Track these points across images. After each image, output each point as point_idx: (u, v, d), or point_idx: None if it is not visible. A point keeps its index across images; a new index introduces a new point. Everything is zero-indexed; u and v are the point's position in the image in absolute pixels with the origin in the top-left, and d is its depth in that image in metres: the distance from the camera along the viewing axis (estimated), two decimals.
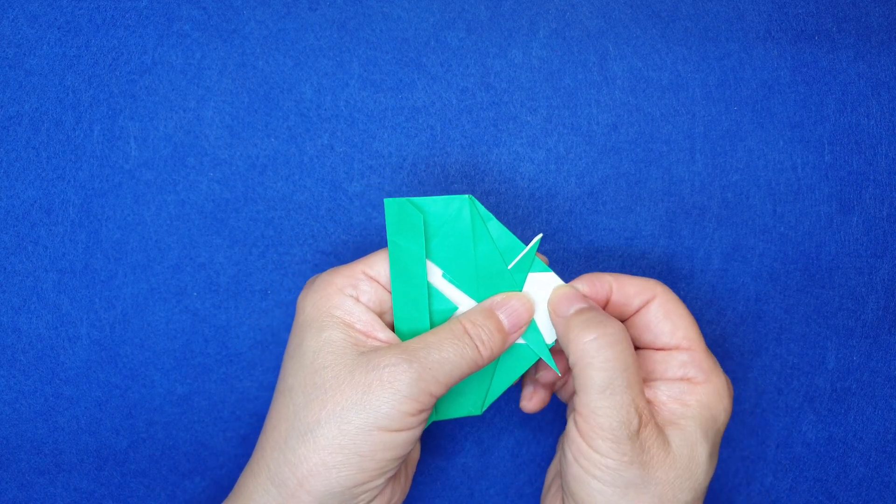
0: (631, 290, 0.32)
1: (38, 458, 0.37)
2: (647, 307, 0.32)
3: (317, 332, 0.30)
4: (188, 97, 0.37)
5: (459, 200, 0.31)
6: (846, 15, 0.39)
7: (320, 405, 0.28)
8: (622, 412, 0.28)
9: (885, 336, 0.40)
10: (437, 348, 0.29)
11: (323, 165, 0.38)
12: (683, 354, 0.31)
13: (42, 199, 0.37)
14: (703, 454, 0.30)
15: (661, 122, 0.39)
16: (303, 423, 0.28)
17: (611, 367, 0.29)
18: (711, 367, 0.31)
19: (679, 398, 0.31)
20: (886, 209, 0.40)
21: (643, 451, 0.28)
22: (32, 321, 0.37)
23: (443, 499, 0.39)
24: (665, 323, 0.32)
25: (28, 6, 0.37)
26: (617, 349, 0.29)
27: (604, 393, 0.28)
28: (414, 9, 0.38)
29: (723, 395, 0.31)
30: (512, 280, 0.32)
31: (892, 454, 0.40)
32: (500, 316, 0.31)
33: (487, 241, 0.32)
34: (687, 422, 0.30)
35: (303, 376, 0.29)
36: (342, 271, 0.31)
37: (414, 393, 0.28)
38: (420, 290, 0.31)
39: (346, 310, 0.30)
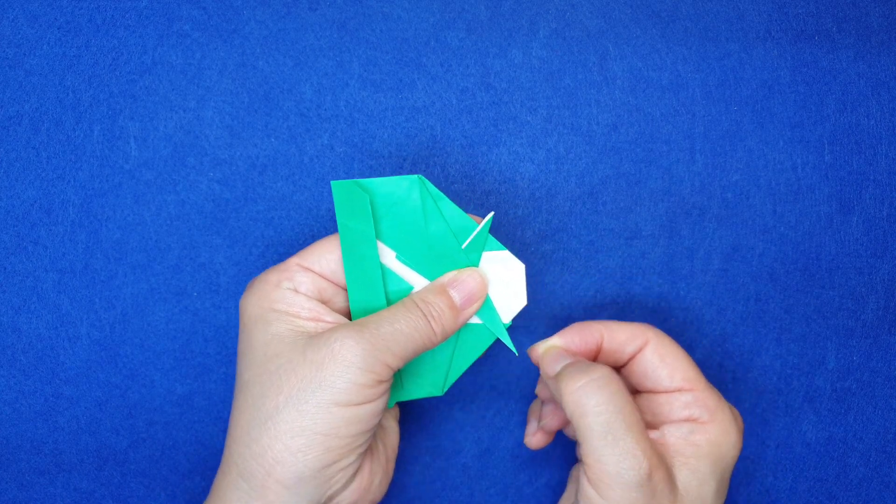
0: (622, 337, 0.32)
1: (38, 458, 0.37)
2: (642, 353, 0.32)
3: (263, 328, 0.30)
4: (188, 97, 0.37)
5: (409, 181, 0.31)
6: (846, 15, 0.39)
7: (276, 391, 0.28)
8: (629, 458, 0.28)
9: (885, 336, 0.40)
10: (389, 321, 0.29)
11: (323, 165, 0.38)
12: (686, 395, 0.31)
13: (42, 199, 0.37)
14: (711, 492, 0.30)
15: (661, 122, 0.39)
16: (262, 412, 0.28)
17: (605, 411, 0.28)
18: (716, 405, 0.31)
19: (687, 438, 0.30)
20: (886, 209, 0.40)
21: (654, 495, 0.28)
22: (32, 321, 0.37)
23: (443, 499, 0.39)
24: (662, 367, 0.31)
25: (28, 6, 0.37)
26: (607, 392, 0.28)
27: (605, 439, 0.28)
28: (414, 9, 0.38)
29: (730, 431, 0.31)
30: (466, 259, 0.32)
31: (892, 454, 0.40)
32: (451, 293, 0.31)
33: (439, 220, 0.31)
34: (696, 461, 0.30)
35: (257, 369, 0.29)
36: (277, 268, 0.31)
37: (368, 363, 0.28)
38: (373, 273, 0.31)
39: (287, 302, 0.30)
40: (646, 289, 0.39)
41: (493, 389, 0.39)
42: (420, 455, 0.39)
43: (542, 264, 0.39)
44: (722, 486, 0.30)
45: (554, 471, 0.40)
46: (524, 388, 0.39)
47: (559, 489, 0.40)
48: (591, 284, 0.39)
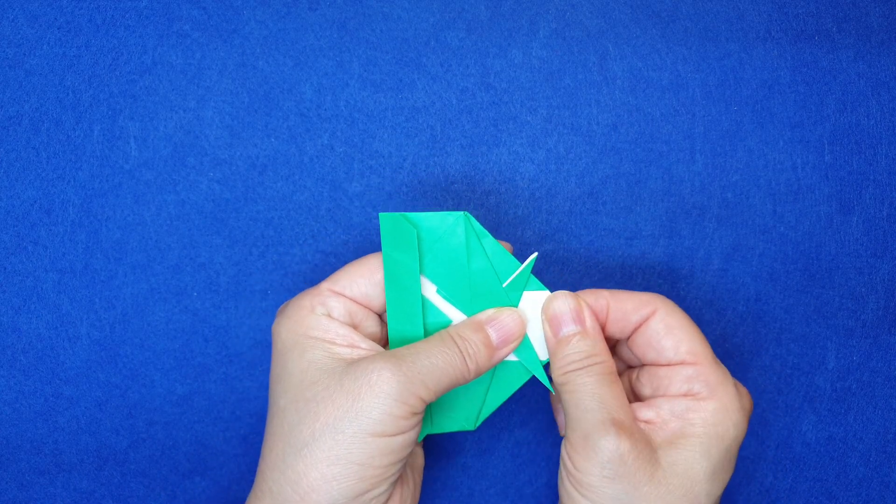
0: (629, 306, 0.32)
1: (38, 458, 0.37)
2: (648, 323, 0.31)
3: (299, 355, 0.30)
4: (188, 97, 0.37)
5: (454, 217, 0.31)
6: (846, 15, 0.39)
7: (313, 418, 0.28)
8: (598, 428, 0.28)
9: (885, 336, 0.40)
10: (426, 354, 0.29)
11: (323, 165, 0.38)
12: (689, 369, 0.31)
13: (42, 199, 0.37)
14: (702, 472, 0.29)
15: (661, 122, 0.39)
16: (298, 439, 0.28)
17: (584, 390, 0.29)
18: (719, 381, 0.30)
19: (681, 415, 0.30)
20: (886, 209, 0.40)
21: (625, 465, 0.28)
22: (32, 321, 0.37)
23: (443, 499, 0.39)
24: (667, 338, 0.31)
25: (28, 6, 0.37)
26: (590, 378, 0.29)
27: (578, 410, 0.29)
28: (414, 9, 0.38)
29: (731, 409, 0.30)
30: (506, 298, 0.32)
31: (892, 454, 0.40)
32: (489, 331, 0.31)
33: (482, 257, 0.32)
34: (687, 440, 0.29)
35: (293, 395, 0.29)
36: (309, 293, 0.31)
37: (403, 396, 0.28)
38: (414, 304, 0.31)
39: (323, 328, 0.30)
40: (646, 289, 0.39)
41: None
42: None
43: (542, 264, 0.39)
44: (720, 468, 0.30)
45: (554, 471, 0.40)
46: (524, 388, 0.39)
47: None
48: (591, 284, 0.39)
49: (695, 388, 0.30)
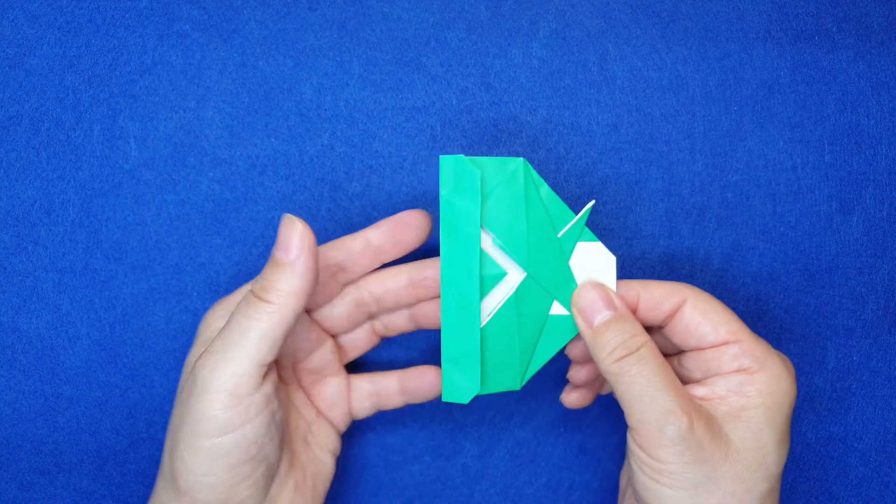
0: (658, 294, 0.32)
1: (38, 458, 0.37)
2: (682, 311, 0.31)
3: (197, 350, 0.31)
4: (188, 97, 0.37)
5: (514, 163, 0.30)
6: (846, 15, 0.39)
7: (175, 428, 0.29)
8: (667, 415, 0.28)
9: (885, 336, 0.40)
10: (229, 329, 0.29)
11: (323, 165, 0.38)
12: (733, 347, 0.31)
13: (42, 199, 0.37)
14: (771, 442, 0.29)
15: (661, 122, 0.39)
16: (169, 441, 0.30)
17: (641, 380, 0.29)
18: (765, 353, 0.30)
19: (739, 390, 0.30)
20: (886, 209, 0.40)
21: (702, 448, 0.28)
22: (32, 321, 0.37)
23: (443, 499, 0.39)
24: (704, 323, 0.31)
25: (28, 6, 0.37)
26: (644, 364, 0.29)
27: (643, 402, 0.29)
28: (414, 9, 0.38)
29: (782, 378, 0.30)
30: (560, 249, 0.31)
31: (892, 454, 0.40)
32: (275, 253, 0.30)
33: (540, 207, 0.31)
34: (750, 412, 0.29)
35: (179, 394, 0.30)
36: (236, 293, 0.33)
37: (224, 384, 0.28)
38: (472, 255, 0.30)
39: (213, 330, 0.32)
40: None
41: None
42: (420, 455, 0.39)
43: None
44: (784, 435, 0.30)
45: (554, 471, 0.40)
46: (525, 389, 0.39)
47: (559, 489, 0.40)
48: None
49: (745, 363, 0.30)
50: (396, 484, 0.39)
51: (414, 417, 0.39)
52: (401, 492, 0.39)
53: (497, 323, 0.31)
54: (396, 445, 0.39)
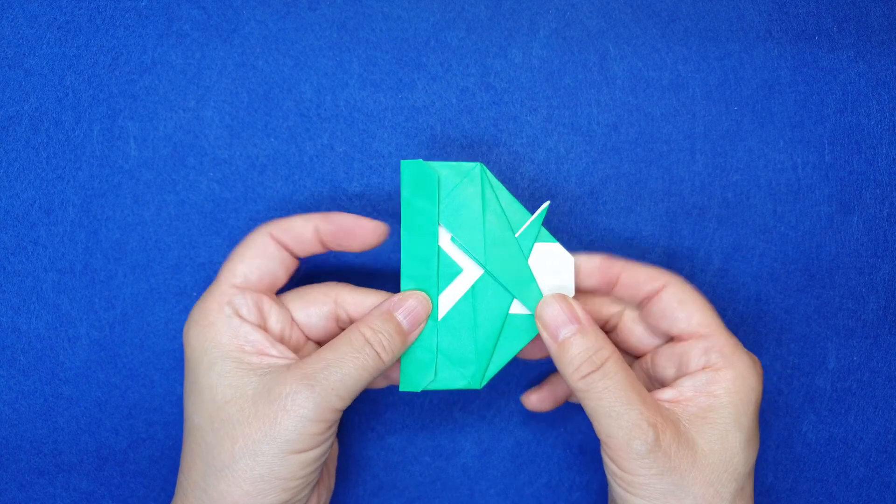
0: (641, 276, 0.32)
1: (38, 458, 0.37)
2: (660, 295, 0.32)
3: (208, 368, 0.30)
4: (188, 97, 0.37)
5: (470, 167, 0.32)
6: (846, 15, 0.39)
7: (231, 441, 0.29)
8: (635, 431, 0.29)
9: (885, 336, 0.40)
10: (338, 366, 0.29)
11: (323, 165, 0.38)
12: (702, 342, 0.31)
13: (42, 199, 0.37)
14: (737, 443, 0.30)
15: (661, 122, 0.39)
16: (217, 461, 0.29)
17: (608, 396, 0.29)
18: (732, 349, 0.31)
19: (705, 389, 0.30)
20: (887, 209, 0.40)
21: (669, 458, 0.29)
22: (32, 321, 0.37)
23: (443, 499, 0.39)
24: (679, 310, 0.32)
25: (28, 6, 0.37)
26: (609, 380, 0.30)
27: (610, 417, 0.29)
28: (414, 9, 0.38)
29: (748, 375, 0.30)
30: (518, 248, 0.32)
31: (892, 454, 0.40)
32: (398, 317, 0.31)
33: (497, 208, 0.32)
34: (716, 413, 0.30)
35: (207, 414, 0.29)
36: (213, 292, 0.31)
37: (319, 415, 0.29)
38: (430, 250, 0.32)
39: (231, 333, 0.30)
40: None
41: (493, 389, 0.39)
42: (420, 455, 0.39)
43: None
44: (751, 433, 0.30)
45: (554, 471, 0.40)
46: (525, 389, 0.39)
47: (559, 489, 0.40)
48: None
49: (711, 359, 0.31)
50: (396, 484, 0.39)
51: (414, 417, 0.39)
52: (401, 492, 0.39)
53: (453, 317, 0.32)
54: (396, 445, 0.39)
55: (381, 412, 0.39)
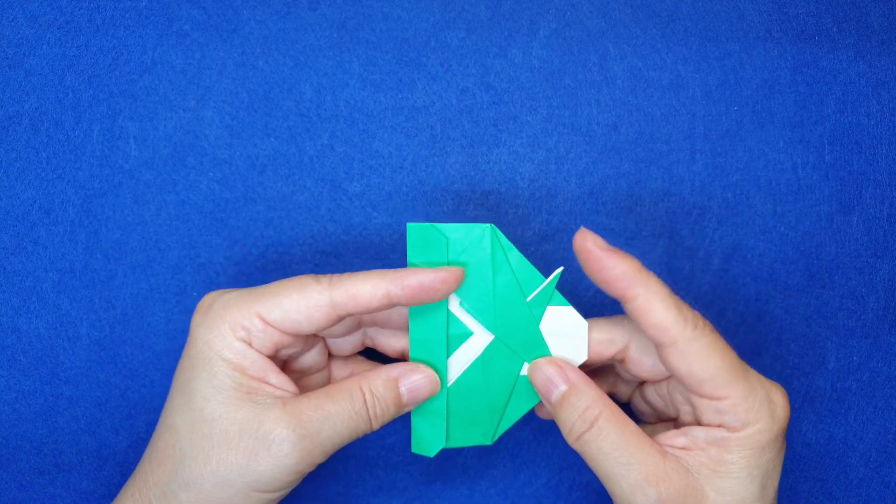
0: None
1: (38, 458, 0.37)
2: (666, 357, 0.29)
3: (207, 377, 0.29)
4: (188, 97, 0.37)
5: (481, 229, 0.31)
6: (846, 15, 0.39)
7: (204, 460, 0.28)
8: (636, 492, 0.28)
9: (885, 336, 0.40)
10: (332, 422, 0.29)
11: (323, 165, 0.38)
12: (717, 404, 0.29)
13: (42, 199, 0.37)
14: (751, 495, 0.29)
15: (661, 122, 0.39)
16: (186, 473, 0.28)
17: (603, 458, 0.29)
18: (748, 411, 0.28)
19: (719, 443, 0.29)
20: (887, 209, 0.40)
21: None
22: (32, 321, 0.37)
23: (443, 499, 0.39)
24: (685, 377, 0.29)
25: (28, 6, 0.37)
26: (603, 440, 0.29)
27: (609, 479, 0.29)
28: (414, 9, 0.38)
29: (765, 430, 0.29)
30: (529, 313, 0.32)
31: (892, 454, 0.40)
32: (401, 388, 0.31)
33: (507, 271, 0.31)
34: (727, 468, 0.29)
35: (190, 420, 0.29)
36: (236, 307, 0.29)
37: (299, 467, 0.29)
38: (439, 315, 0.31)
39: (238, 352, 0.29)
40: None
41: None
42: (420, 455, 0.39)
43: (542, 264, 0.39)
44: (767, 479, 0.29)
45: (554, 471, 0.40)
46: None
47: (559, 489, 0.40)
48: (592, 284, 0.39)
49: (727, 419, 0.29)
50: (396, 484, 0.39)
51: None
52: (401, 492, 0.39)
53: (464, 382, 0.32)
54: (396, 445, 0.39)
55: None
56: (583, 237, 0.29)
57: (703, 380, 0.28)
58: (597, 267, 0.29)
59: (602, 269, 0.28)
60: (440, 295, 0.30)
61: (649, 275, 0.29)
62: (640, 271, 0.28)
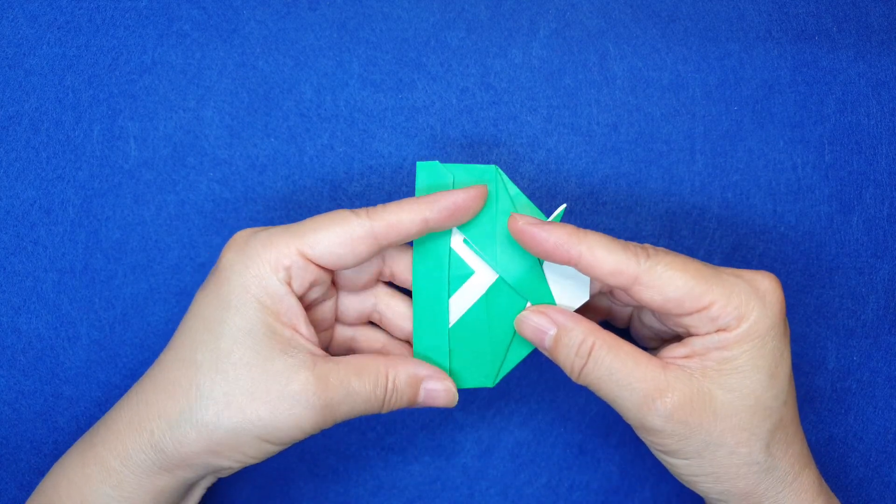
0: (605, 271, 0.29)
1: (38, 458, 0.37)
2: (634, 291, 0.29)
3: (240, 320, 0.28)
4: (188, 97, 0.37)
5: (486, 170, 0.32)
6: (846, 15, 0.39)
7: (225, 404, 0.28)
8: (644, 409, 0.29)
9: (885, 336, 0.40)
10: (353, 398, 0.29)
11: (323, 165, 0.38)
12: (706, 312, 0.29)
13: (42, 199, 0.37)
14: (759, 384, 0.29)
15: (661, 122, 0.39)
16: (202, 413, 0.28)
17: (606, 385, 0.29)
18: (741, 304, 0.28)
19: (720, 346, 0.29)
20: (886, 209, 0.40)
21: (687, 422, 0.28)
22: (32, 321, 0.37)
23: (443, 499, 0.39)
24: (665, 302, 0.29)
25: (28, 6, 0.37)
26: (601, 368, 0.29)
27: (617, 403, 0.30)
28: (414, 9, 0.38)
29: (760, 318, 0.29)
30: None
31: (892, 454, 0.40)
32: (421, 390, 0.31)
33: (511, 210, 0.32)
34: (730, 365, 0.29)
35: (215, 359, 0.28)
36: (276, 245, 0.29)
37: (312, 430, 0.29)
38: (442, 253, 0.32)
39: (275, 296, 0.29)
40: None
41: (493, 389, 0.39)
42: (420, 455, 0.39)
43: None
44: (774, 367, 0.29)
45: (554, 471, 0.40)
46: (524, 389, 0.39)
47: (559, 489, 0.40)
48: None
49: (722, 323, 0.29)
50: (396, 484, 0.39)
51: (414, 418, 0.39)
52: (401, 492, 0.39)
53: (466, 323, 0.32)
54: (396, 445, 0.39)
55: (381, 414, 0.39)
56: (513, 220, 0.30)
57: (680, 299, 0.29)
58: (534, 241, 0.29)
59: (538, 241, 0.29)
60: (471, 213, 0.30)
61: (586, 232, 0.29)
62: (574, 233, 0.29)
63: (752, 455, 0.29)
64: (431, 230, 0.30)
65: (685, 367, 0.29)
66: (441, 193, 0.30)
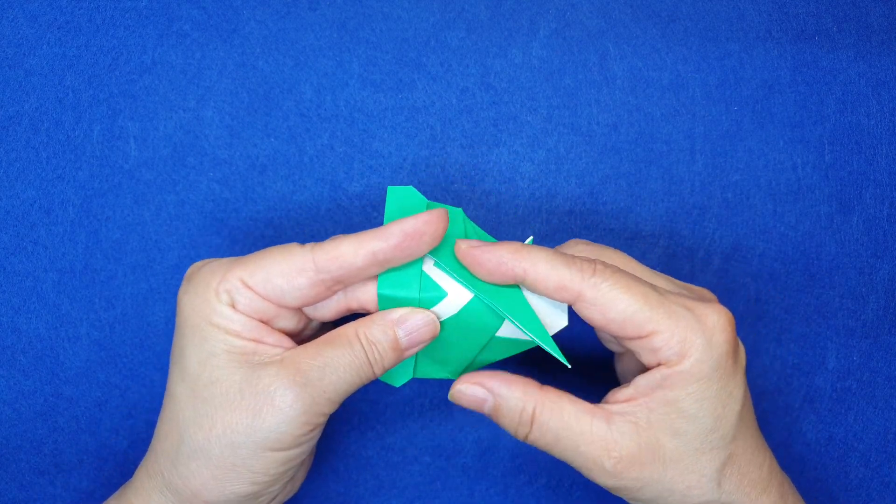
0: (549, 288, 0.28)
1: (38, 458, 0.37)
2: (578, 307, 0.28)
3: (199, 342, 0.28)
4: (188, 97, 0.37)
5: (454, 210, 0.31)
6: (846, 15, 0.39)
7: (209, 425, 0.28)
8: (593, 471, 0.29)
9: (885, 336, 0.40)
10: (332, 368, 0.28)
11: (323, 165, 0.38)
12: (648, 341, 0.28)
13: (42, 199, 0.37)
14: (705, 425, 0.28)
15: (661, 122, 0.39)
16: (192, 441, 0.28)
17: (555, 449, 0.29)
18: (680, 341, 0.27)
19: (663, 384, 0.28)
20: (886, 209, 0.40)
21: (637, 477, 0.28)
22: (32, 321, 0.37)
23: (443, 499, 0.39)
24: (607, 324, 0.28)
25: (28, 6, 0.37)
26: (547, 435, 0.29)
27: (572, 466, 0.30)
28: (414, 9, 0.38)
29: (704, 358, 0.27)
30: None
31: (892, 454, 0.40)
32: (398, 331, 0.29)
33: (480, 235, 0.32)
34: (674, 407, 0.28)
35: (189, 387, 0.28)
36: (219, 272, 0.29)
37: (307, 416, 0.28)
38: (413, 275, 0.30)
39: (225, 316, 0.28)
40: None
41: None
42: (420, 455, 0.39)
43: None
44: (723, 404, 0.28)
45: (554, 471, 0.40)
46: None
47: (559, 489, 0.40)
48: None
49: (663, 356, 0.28)
50: (396, 484, 0.39)
51: (414, 417, 0.39)
52: (401, 492, 0.39)
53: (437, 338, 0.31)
54: (396, 445, 0.39)
55: (381, 412, 0.39)
56: (457, 246, 0.29)
57: (622, 322, 0.28)
58: (476, 262, 0.29)
59: (481, 263, 0.28)
60: (427, 241, 0.28)
61: (529, 248, 0.28)
62: (517, 250, 0.28)
63: (704, 495, 0.29)
64: (387, 263, 0.28)
65: (631, 414, 0.29)
66: (394, 223, 0.28)
